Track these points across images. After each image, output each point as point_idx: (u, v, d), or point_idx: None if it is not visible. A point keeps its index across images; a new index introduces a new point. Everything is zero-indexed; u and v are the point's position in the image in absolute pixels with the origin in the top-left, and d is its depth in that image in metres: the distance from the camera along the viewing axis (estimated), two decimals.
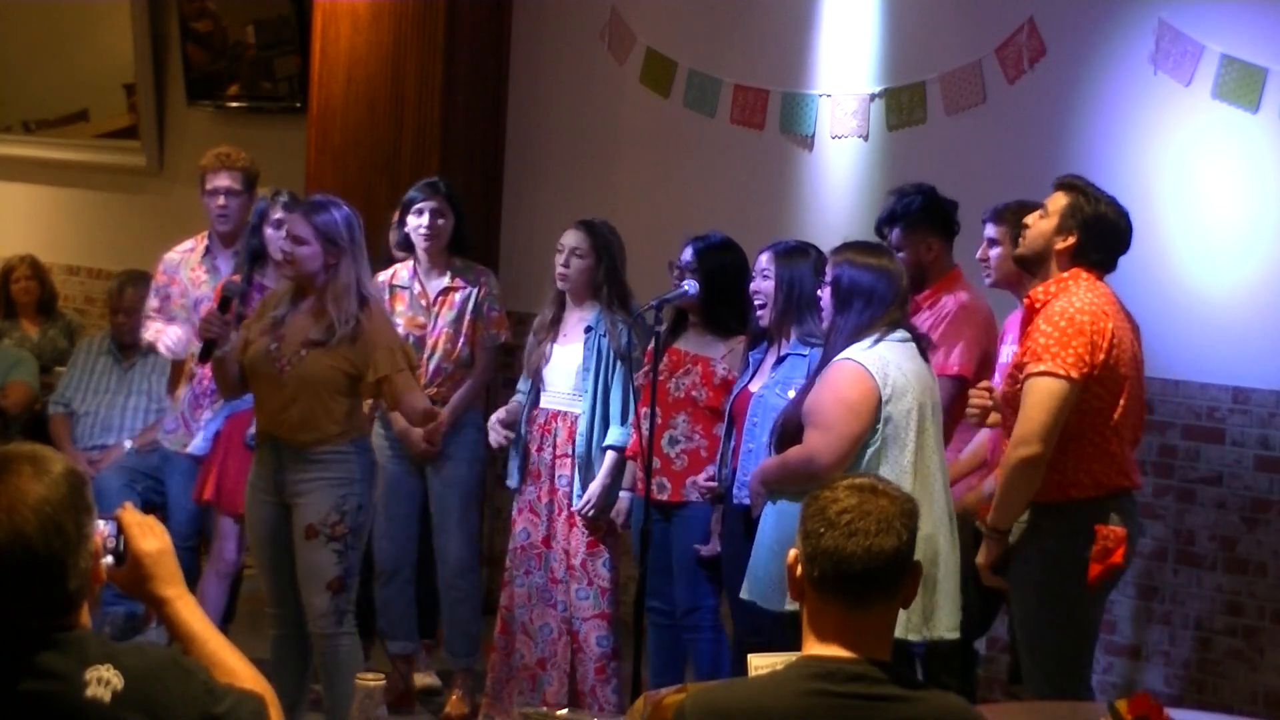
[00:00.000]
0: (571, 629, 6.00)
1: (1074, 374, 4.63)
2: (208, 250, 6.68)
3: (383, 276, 6.36)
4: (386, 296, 6.33)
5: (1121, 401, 4.74)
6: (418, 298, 6.37)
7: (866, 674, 2.79)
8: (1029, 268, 4.89)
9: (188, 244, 6.76)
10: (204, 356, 5.64)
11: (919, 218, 5.71)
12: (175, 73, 9.70)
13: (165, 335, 6.56)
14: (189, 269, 6.67)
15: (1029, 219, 4.88)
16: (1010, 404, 4.79)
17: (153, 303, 6.73)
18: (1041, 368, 4.64)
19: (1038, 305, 4.76)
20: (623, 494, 5.93)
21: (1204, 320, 5.98)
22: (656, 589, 5.79)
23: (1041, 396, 4.64)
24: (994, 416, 4.99)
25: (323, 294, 5.40)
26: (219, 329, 5.54)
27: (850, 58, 6.87)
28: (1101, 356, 4.67)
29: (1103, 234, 4.78)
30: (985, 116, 6.48)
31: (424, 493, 6.47)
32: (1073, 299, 4.70)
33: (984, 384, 5.06)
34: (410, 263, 6.42)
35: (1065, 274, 4.76)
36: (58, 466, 2.56)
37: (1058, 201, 4.81)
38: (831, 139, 6.91)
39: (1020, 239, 4.92)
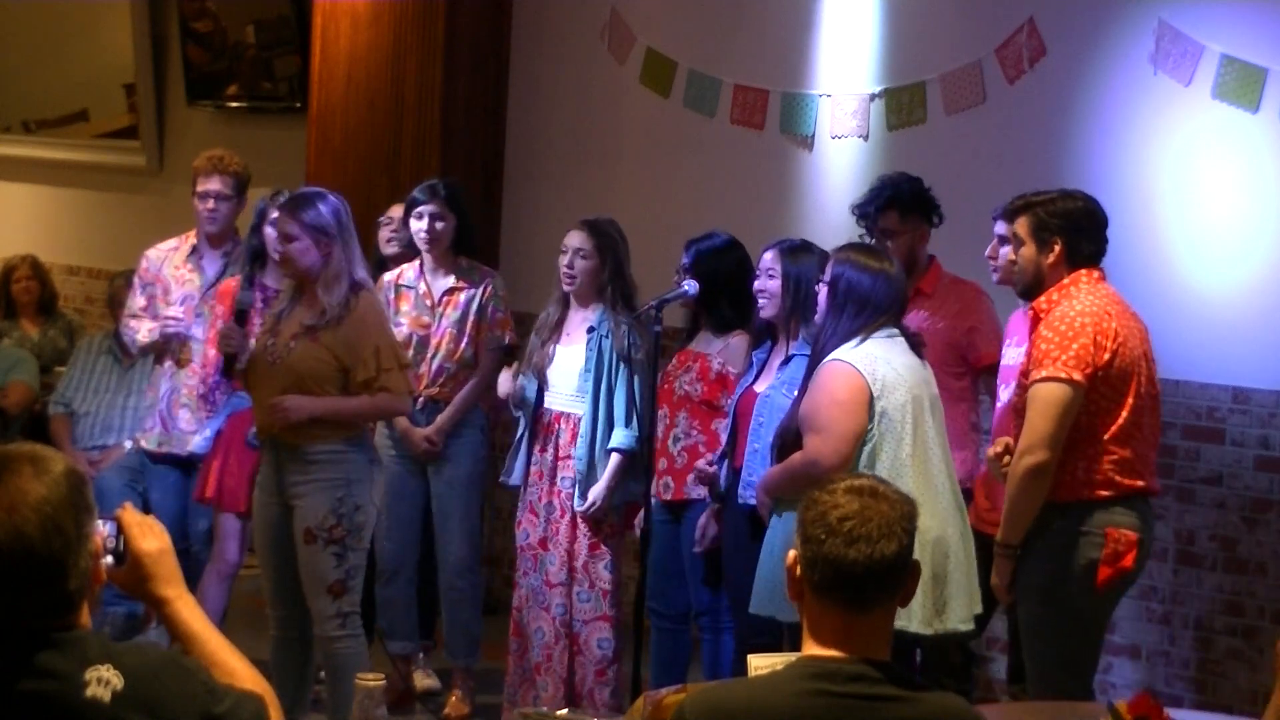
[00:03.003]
0: (572, 631, 5.95)
1: (1076, 375, 4.61)
2: (194, 249, 6.66)
3: (389, 276, 6.39)
4: (392, 296, 6.36)
5: (1129, 400, 4.71)
6: (422, 297, 6.37)
7: (866, 674, 2.79)
8: (1033, 294, 4.85)
9: (171, 243, 6.72)
10: (226, 371, 5.73)
11: (914, 204, 5.71)
12: (175, 73, 9.70)
13: (167, 324, 6.49)
14: (172, 266, 6.63)
15: (1010, 256, 4.90)
16: (1020, 414, 4.77)
17: (139, 300, 6.63)
18: (1044, 374, 4.63)
19: (1041, 313, 4.76)
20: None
21: (1204, 320, 5.97)
22: (657, 589, 5.77)
23: (1045, 403, 4.63)
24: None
25: (316, 283, 5.41)
26: (238, 342, 5.60)
27: (850, 58, 6.86)
28: (1106, 356, 4.65)
29: (1079, 224, 4.78)
30: (985, 116, 6.47)
31: (427, 493, 6.46)
32: (1073, 303, 4.70)
33: (1002, 440, 4.91)
34: (416, 263, 6.43)
35: (1066, 279, 4.76)
36: (58, 466, 2.56)
37: (1022, 227, 4.80)
38: (831, 139, 6.91)
39: (1014, 277, 4.93)
